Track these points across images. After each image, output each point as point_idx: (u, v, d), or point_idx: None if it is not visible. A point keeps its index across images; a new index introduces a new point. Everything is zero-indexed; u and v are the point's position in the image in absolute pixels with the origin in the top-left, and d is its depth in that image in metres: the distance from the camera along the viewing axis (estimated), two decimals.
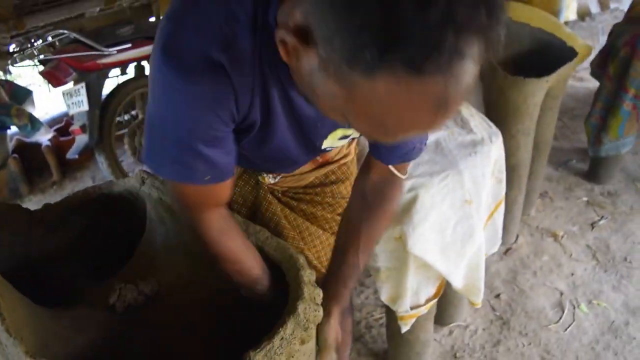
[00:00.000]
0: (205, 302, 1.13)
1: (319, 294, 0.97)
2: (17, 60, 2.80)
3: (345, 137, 0.98)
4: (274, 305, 1.00)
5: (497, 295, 2.21)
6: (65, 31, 2.45)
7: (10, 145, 3.28)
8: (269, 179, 1.19)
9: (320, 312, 0.95)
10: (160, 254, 1.20)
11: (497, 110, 2.09)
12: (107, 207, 1.39)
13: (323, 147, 0.97)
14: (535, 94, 2.04)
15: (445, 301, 1.95)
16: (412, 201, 1.31)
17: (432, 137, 1.45)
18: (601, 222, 2.63)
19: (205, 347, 1.09)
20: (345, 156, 1.25)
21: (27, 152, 3.24)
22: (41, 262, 1.29)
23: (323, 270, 1.24)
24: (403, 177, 1.04)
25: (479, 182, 1.40)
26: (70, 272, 1.32)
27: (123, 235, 1.38)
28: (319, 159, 1.19)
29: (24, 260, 1.27)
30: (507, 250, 2.46)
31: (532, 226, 2.64)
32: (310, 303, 0.94)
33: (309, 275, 0.97)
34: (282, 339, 0.89)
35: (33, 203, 3.13)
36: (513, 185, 2.24)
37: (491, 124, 1.60)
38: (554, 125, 2.39)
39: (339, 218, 1.24)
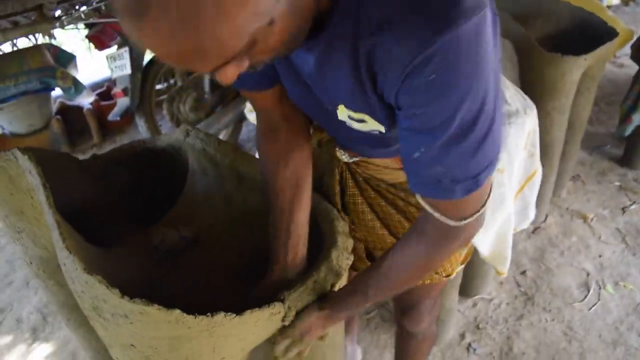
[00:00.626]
0: (241, 249, 1.19)
1: (351, 243, 1.02)
2: (65, 23, 2.89)
3: (356, 119, 0.81)
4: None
5: (523, 272, 2.23)
6: None
7: (54, 106, 3.41)
8: (344, 157, 1.10)
9: (351, 259, 1.00)
10: (201, 203, 1.27)
11: (533, 86, 2.08)
12: (151, 161, 1.46)
13: (339, 118, 0.84)
14: (573, 72, 2.02)
15: (472, 272, 1.98)
16: None
17: None
18: (632, 206, 2.61)
19: (239, 289, 1.16)
20: None
21: (70, 114, 3.36)
22: (88, 209, 1.37)
23: (366, 263, 1.19)
24: (438, 215, 0.75)
25: (512, 152, 1.42)
26: (115, 220, 1.40)
27: (166, 188, 1.45)
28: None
29: (72, 206, 1.36)
30: (536, 229, 2.47)
31: (562, 207, 2.63)
32: (342, 251, 0.99)
33: (343, 226, 1.02)
34: (315, 282, 0.95)
35: None
36: (545, 163, 2.24)
37: (526, 97, 1.61)
38: (590, 107, 2.37)
39: None
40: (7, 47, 3.40)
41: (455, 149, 0.66)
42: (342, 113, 0.81)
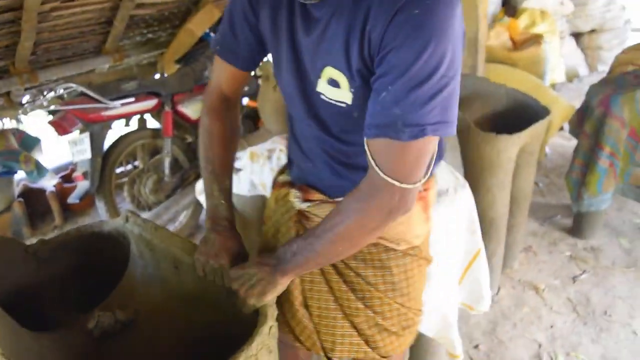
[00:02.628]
0: (178, 334, 1.22)
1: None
2: (28, 110, 3.00)
3: (334, 82, 0.94)
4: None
5: (476, 346, 2.26)
6: (74, 85, 2.64)
7: (18, 189, 3.43)
8: (297, 202, 1.16)
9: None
10: (139, 286, 1.30)
11: (473, 165, 2.21)
12: (97, 245, 1.50)
13: (317, 89, 0.98)
14: (508, 150, 2.16)
15: (421, 350, 2.00)
16: None
17: None
18: (583, 276, 2.70)
19: None
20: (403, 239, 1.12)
21: (32, 196, 3.38)
22: (32, 292, 1.39)
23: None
24: (378, 170, 0.87)
25: (441, 231, 1.50)
26: (58, 304, 1.42)
27: (110, 272, 1.48)
28: None
29: (16, 290, 1.37)
30: None
31: (514, 279, 2.70)
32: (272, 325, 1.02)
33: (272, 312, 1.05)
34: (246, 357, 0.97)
35: None
36: (492, 237, 2.33)
37: (459, 176, 1.72)
38: (531, 180, 2.50)
39: (364, 309, 1.14)
40: None
41: (413, 93, 0.81)
42: (323, 81, 0.97)
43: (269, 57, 1.16)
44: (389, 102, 0.83)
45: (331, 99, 0.98)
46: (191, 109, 3.16)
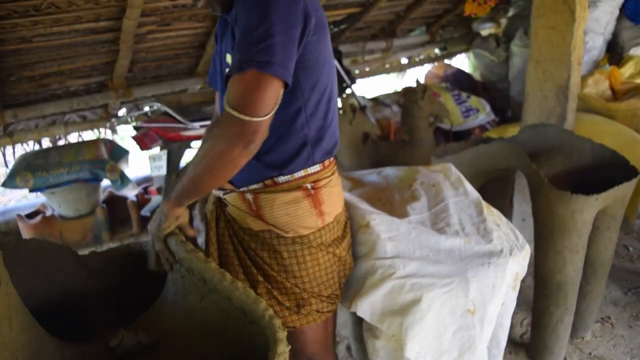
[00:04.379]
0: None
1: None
2: (116, 124, 3.22)
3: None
4: None
5: None
6: (158, 104, 2.80)
7: (103, 195, 3.68)
8: (215, 191, 1.45)
9: None
10: (166, 312, 1.33)
11: (545, 223, 2.06)
12: (144, 262, 1.55)
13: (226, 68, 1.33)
14: (584, 211, 1.99)
15: None
16: (412, 301, 1.34)
17: (446, 243, 1.49)
18: None
19: None
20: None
21: (115, 204, 3.61)
22: (76, 300, 1.46)
23: None
24: (226, 104, 1.13)
25: (486, 293, 1.40)
26: (99, 314, 1.48)
27: (150, 290, 1.53)
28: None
29: (63, 296, 1.45)
30: None
31: (584, 352, 2.46)
32: None
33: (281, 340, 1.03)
34: None
35: None
36: (559, 303, 2.15)
37: (519, 235, 1.60)
38: (612, 246, 2.28)
39: (263, 282, 1.37)
40: (74, 138, 3.78)
41: (245, 41, 1.12)
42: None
43: (347, 91, 1.37)
44: (234, 53, 1.15)
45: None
46: None
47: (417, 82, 2.74)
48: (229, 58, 1.30)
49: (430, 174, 1.76)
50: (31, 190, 3.28)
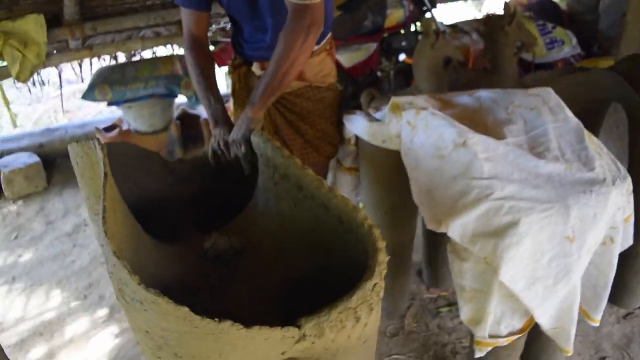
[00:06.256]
0: (286, 270, 1.22)
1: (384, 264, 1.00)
2: None
3: None
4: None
5: (603, 358, 2.03)
6: None
7: (176, 112, 3.73)
8: (258, 71, 1.73)
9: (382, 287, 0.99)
10: (258, 218, 1.33)
11: None
12: (229, 171, 1.55)
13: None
14: None
15: (537, 347, 1.84)
16: (509, 224, 1.29)
17: (546, 168, 1.40)
18: None
19: (270, 308, 1.18)
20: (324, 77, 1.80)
21: (188, 121, 3.65)
22: (164, 205, 1.49)
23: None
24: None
25: (586, 221, 1.32)
26: (184, 219, 1.50)
27: (236, 197, 1.53)
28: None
29: (150, 200, 1.48)
30: (627, 314, 2.23)
31: None
32: (379, 280, 0.98)
33: (380, 247, 1.01)
34: (340, 312, 0.95)
35: None
36: None
37: (621, 167, 1.49)
38: None
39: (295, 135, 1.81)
40: (148, 54, 3.80)
41: None
42: None
43: (428, 14, 1.36)
44: None
45: None
46: (345, 57, 3.11)
47: (506, 5, 2.54)
48: None
49: (527, 98, 1.65)
50: (109, 104, 3.35)
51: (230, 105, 2.69)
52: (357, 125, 1.73)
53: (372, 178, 1.82)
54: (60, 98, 3.91)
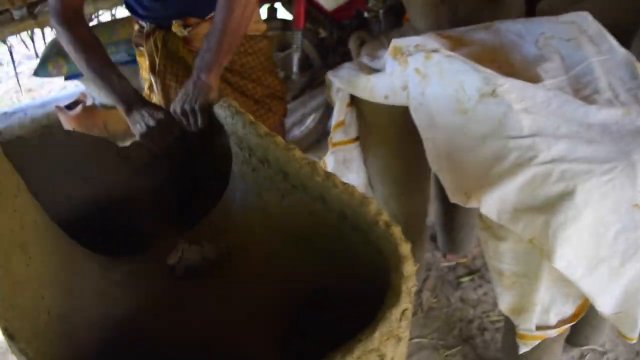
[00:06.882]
0: (278, 281, 0.93)
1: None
2: None
3: None
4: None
5: None
6: None
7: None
8: (182, 30, 1.40)
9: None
10: (236, 215, 1.03)
11: None
12: (196, 156, 1.25)
13: None
14: None
15: (581, 319, 1.58)
16: (562, 195, 0.99)
17: (599, 116, 1.10)
18: None
19: (267, 325, 0.91)
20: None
21: None
22: (124, 200, 1.19)
23: None
24: None
25: None
26: (150, 216, 1.21)
27: (211, 183, 1.23)
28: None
29: (105, 199, 1.18)
30: None
31: None
32: (406, 304, 0.69)
33: (408, 265, 0.71)
34: (358, 357, 0.67)
35: None
36: None
37: None
38: None
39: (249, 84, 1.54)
40: (107, 17, 3.40)
41: None
42: None
43: None
44: None
45: None
46: (328, 0, 2.76)
47: None
48: None
49: (559, 26, 1.33)
50: (66, 78, 2.97)
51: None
52: (349, 80, 1.40)
53: (375, 143, 1.49)
54: (16, 77, 3.53)
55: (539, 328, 1.18)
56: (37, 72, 2.86)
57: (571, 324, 1.21)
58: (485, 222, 1.17)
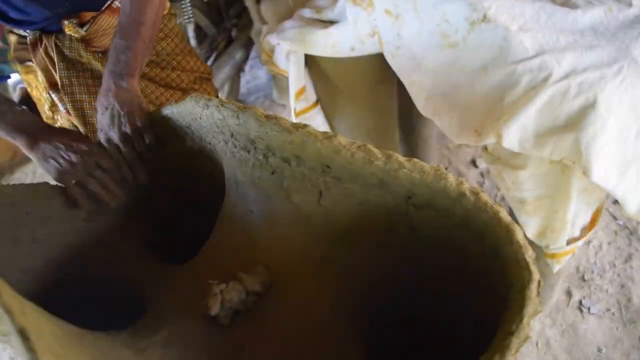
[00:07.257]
0: (333, 289, 0.81)
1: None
2: None
3: None
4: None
5: (616, 201, 1.88)
6: None
7: (16, 94, 2.92)
8: (78, 30, 1.16)
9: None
10: (257, 228, 0.86)
11: None
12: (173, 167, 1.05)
13: None
14: None
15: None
16: (584, 108, 0.94)
17: (585, 20, 1.05)
18: None
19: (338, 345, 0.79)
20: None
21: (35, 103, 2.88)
22: (86, 252, 0.98)
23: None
24: None
25: None
26: (128, 258, 1.01)
27: (199, 201, 1.06)
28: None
29: (66, 255, 0.96)
30: None
31: None
32: (525, 330, 0.58)
33: (532, 284, 0.59)
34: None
35: None
36: None
37: None
38: None
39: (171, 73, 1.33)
40: None
41: None
42: None
43: None
44: None
45: None
46: None
47: None
48: None
49: None
50: None
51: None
52: (303, 39, 1.24)
53: (344, 101, 1.36)
54: None
55: (568, 242, 1.16)
56: None
57: (591, 230, 1.20)
58: (492, 155, 1.11)
